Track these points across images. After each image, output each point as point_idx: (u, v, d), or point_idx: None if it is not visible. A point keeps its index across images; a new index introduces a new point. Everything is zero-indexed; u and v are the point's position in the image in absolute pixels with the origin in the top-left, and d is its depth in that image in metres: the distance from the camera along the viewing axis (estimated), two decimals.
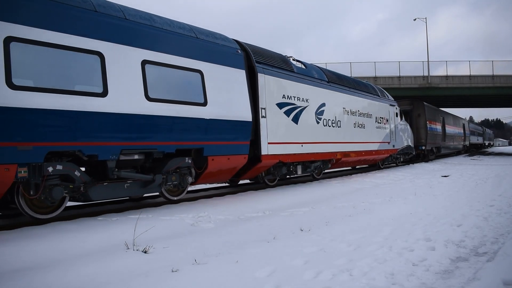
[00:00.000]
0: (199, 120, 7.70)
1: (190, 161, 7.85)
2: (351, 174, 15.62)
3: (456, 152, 35.77)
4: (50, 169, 5.75)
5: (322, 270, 3.73)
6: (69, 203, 8.93)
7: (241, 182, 12.19)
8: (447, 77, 30.31)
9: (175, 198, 8.04)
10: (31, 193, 5.70)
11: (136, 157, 6.94)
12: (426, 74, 30.68)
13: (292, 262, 4.02)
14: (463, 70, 35.29)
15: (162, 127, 7.09)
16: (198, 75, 7.87)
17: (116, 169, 6.59)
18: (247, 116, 8.84)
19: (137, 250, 4.60)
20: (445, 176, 14.40)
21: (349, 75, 19.61)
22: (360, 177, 13.93)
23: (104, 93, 6.20)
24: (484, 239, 4.95)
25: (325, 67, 14.24)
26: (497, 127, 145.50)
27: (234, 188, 11.07)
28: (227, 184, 11.96)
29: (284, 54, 11.69)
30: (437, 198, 8.67)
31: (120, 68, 6.51)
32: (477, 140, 51.47)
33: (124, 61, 6.59)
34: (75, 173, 6.09)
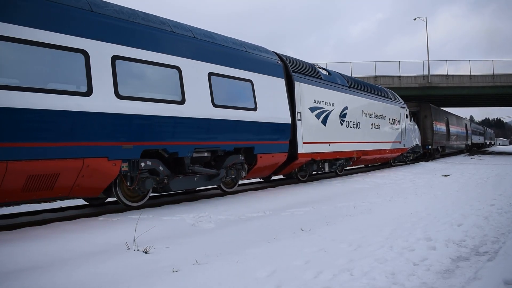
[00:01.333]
0: (251, 123, 9.02)
1: (243, 158, 9.12)
2: (351, 174, 15.61)
3: (458, 151, 36.39)
4: (143, 164, 6.99)
5: (322, 270, 3.72)
6: (70, 204, 8.95)
7: (241, 182, 12.21)
8: (447, 76, 30.28)
9: (230, 190, 9.55)
10: (128, 184, 6.92)
11: (205, 154, 8.26)
12: (426, 73, 30.65)
13: (293, 262, 4.02)
14: (463, 70, 35.27)
15: (224, 129, 8.36)
16: (249, 84, 9.16)
17: (191, 165, 7.84)
18: (287, 119, 10.13)
19: (138, 250, 4.60)
20: (445, 176, 14.39)
21: (350, 75, 19.70)
22: (360, 177, 13.92)
23: (182, 101, 7.46)
24: (485, 239, 4.95)
25: (325, 67, 14.35)
26: (498, 126, 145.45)
27: (234, 188, 11.07)
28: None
29: (311, 63, 12.84)
30: (437, 197, 8.66)
31: (193, 80, 7.75)
32: (479, 139, 53.09)
33: (195, 73, 7.83)
34: (159, 168, 7.28)
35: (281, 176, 12.88)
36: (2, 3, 5.19)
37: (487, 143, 68.42)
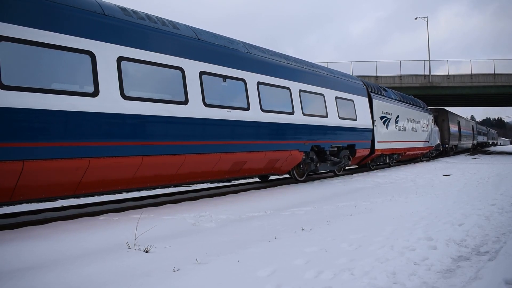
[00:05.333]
0: (355, 128, 13.50)
1: (348, 152, 13.39)
2: (352, 173, 15.61)
3: (465, 149, 39.92)
4: (309, 154, 11.31)
5: (323, 270, 3.72)
6: (69, 203, 8.96)
7: (242, 181, 12.28)
8: (448, 76, 30.24)
9: (339, 173, 14.24)
10: (301, 166, 11.56)
11: (335, 149, 12.60)
12: (427, 73, 30.62)
13: (294, 261, 4.02)
14: (464, 69, 35.41)
15: (344, 133, 12.78)
16: (352, 102, 13.63)
17: (329, 156, 12.29)
18: (370, 125, 14.74)
19: (139, 249, 4.61)
20: (446, 175, 14.38)
21: (350, 74, 19.88)
22: (361, 177, 13.92)
23: (326, 115, 11.82)
24: (486, 238, 4.94)
25: (326, 66, 14.54)
26: (499, 126, 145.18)
27: (235, 188, 11.10)
28: (227, 184, 12.04)
29: (373, 83, 17.70)
30: (438, 197, 8.65)
31: (329, 101, 12.08)
32: (483, 139, 59.20)
33: (330, 97, 12.16)
34: (314, 156, 11.55)
35: (280, 176, 13.37)
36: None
37: (490, 143, 75.04)
